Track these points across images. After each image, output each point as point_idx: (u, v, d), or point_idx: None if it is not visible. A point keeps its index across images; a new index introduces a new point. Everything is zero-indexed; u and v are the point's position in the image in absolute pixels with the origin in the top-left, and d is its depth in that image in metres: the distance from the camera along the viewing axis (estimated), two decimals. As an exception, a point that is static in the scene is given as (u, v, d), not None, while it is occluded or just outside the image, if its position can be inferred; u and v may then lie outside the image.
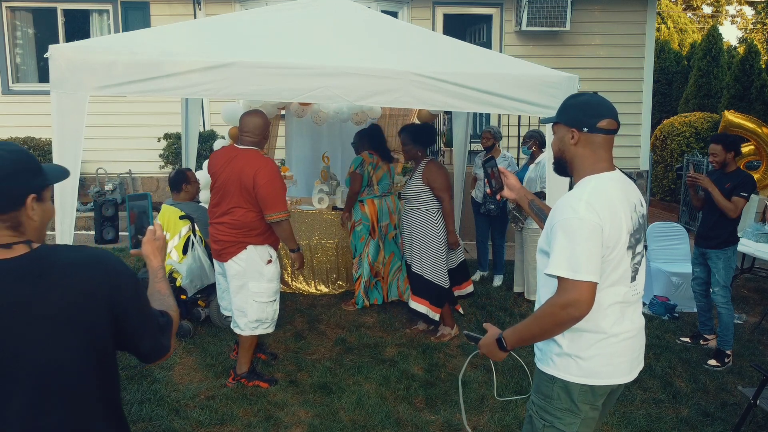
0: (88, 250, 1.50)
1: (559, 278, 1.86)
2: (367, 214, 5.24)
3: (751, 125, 8.61)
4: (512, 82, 3.73)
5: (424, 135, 4.70)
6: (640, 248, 2.04)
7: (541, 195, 5.17)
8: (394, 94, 3.59)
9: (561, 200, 1.97)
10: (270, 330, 3.88)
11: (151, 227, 1.84)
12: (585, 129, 1.98)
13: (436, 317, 4.68)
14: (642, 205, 2.08)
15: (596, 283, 1.85)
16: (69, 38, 9.27)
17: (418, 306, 4.67)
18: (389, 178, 5.32)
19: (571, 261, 1.84)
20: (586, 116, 1.98)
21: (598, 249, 1.86)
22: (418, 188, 4.59)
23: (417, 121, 6.66)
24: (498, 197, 2.40)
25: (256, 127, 3.69)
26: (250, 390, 3.82)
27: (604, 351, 1.97)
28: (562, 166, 2.09)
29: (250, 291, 3.73)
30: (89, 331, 1.44)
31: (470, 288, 4.98)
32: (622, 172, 2.12)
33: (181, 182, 4.81)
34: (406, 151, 4.69)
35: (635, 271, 2.02)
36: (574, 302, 1.84)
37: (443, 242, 4.62)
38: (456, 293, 4.88)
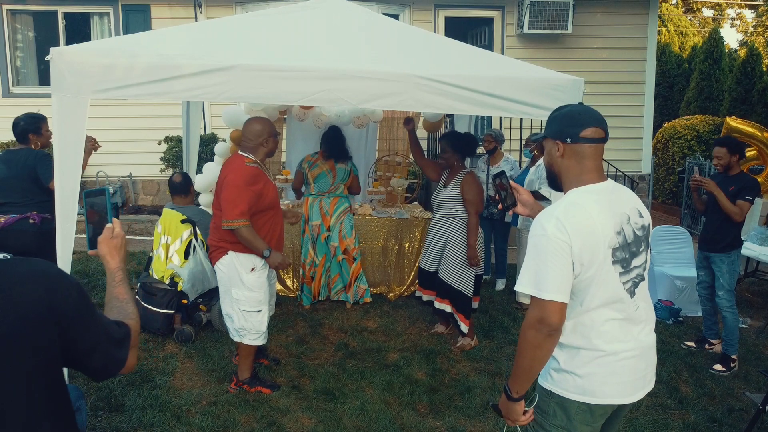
0: (27, 264, 1.37)
1: (531, 296, 1.86)
2: (302, 211, 5.40)
3: (750, 130, 8.59)
4: (517, 85, 3.70)
5: (465, 144, 4.65)
6: (638, 261, 1.95)
7: (539, 195, 5.19)
8: (398, 97, 3.56)
9: (539, 214, 1.95)
10: (259, 342, 3.80)
11: (109, 225, 1.71)
12: (568, 140, 1.94)
13: (465, 328, 4.61)
14: (641, 216, 2.00)
15: (562, 303, 1.82)
16: (69, 41, 9.24)
17: (445, 306, 4.63)
18: (330, 177, 5.29)
19: (536, 279, 1.83)
20: (568, 127, 1.95)
21: (566, 268, 1.82)
22: (456, 199, 4.55)
23: (419, 125, 6.63)
24: (509, 213, 2.35)
25: (251, 133, 3.69)
26: (253, 396, 3.78)
27: (601, 369, 1.92)
28: (553, 180, 2.06)
29: (233, 298, 3.70)
30: (36, 352, 1.32)
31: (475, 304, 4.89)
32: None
33: (188, 186, 4.81)
34: (445, 158, 4.63)
35: (635, 285, 1.95)
36: (540, 320, 1.82)
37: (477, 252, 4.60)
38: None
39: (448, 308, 4.62)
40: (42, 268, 1.38)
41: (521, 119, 8.03)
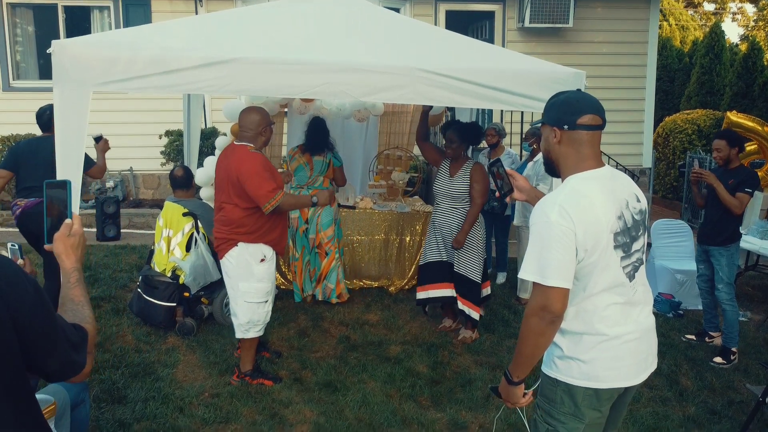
0: None
1: (533, 282, 1.87)
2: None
3: (751, 124, 8.59)
4: (519, 78, 3.70)
5: (472, 133, 4.63)
6: (637, 245, 1.98)
7: None
8: (400, 91, 3.55)
9: (540, 201, 1.96)
10: (261, 333, 3.84)
11: (68, 221, 1.61)
12: (565, 127, 1.96)
13: (477, 316, 4.61)
14: (639, 201, 2.03)
15: (566, 289, 1.83)
16: (69, 35, 9.22)
17: (466, 308, 4.62)
18: (307, 170, 5.25)
19: (540, 266, 1.84)
20: (565, 114, 1.96)
21: (570, 254, 1.84)
22: (466, 189, 4.55)
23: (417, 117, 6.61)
24: (507, 199, 2.36)
25: (251, 122, 3.69)
26: (255, 388, 3.80)
27: (605, 354, 1.94)
28: (550, 167, 2.08)
29: (240, 291, 3.70)
30: None
31: (486, 290, 4.88)
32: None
33: (190, 179, 4.84)
34: (454, 149, 4.56)
35: (635, 269, 1.98)
36: (543, 307, 1.84)
37: (483, 240, 4.63)
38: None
39: (466, 309, 4.61)
40: None
41: (522, 113, 8.04)
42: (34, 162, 4.37)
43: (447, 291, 4.71)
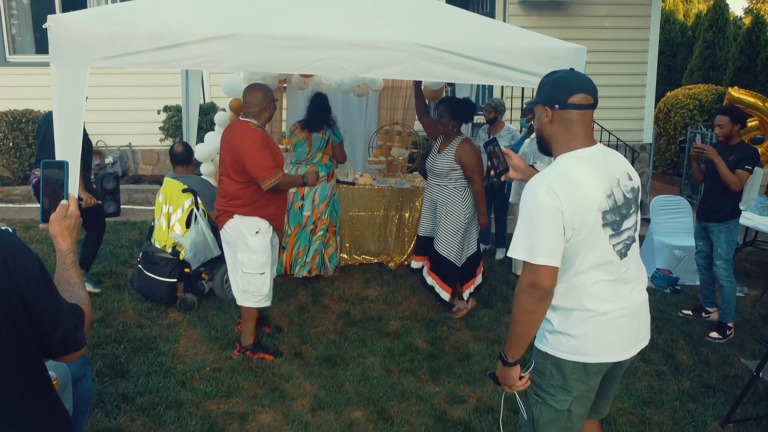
0: None
1: (523, 261, 1.89)
2: None
3: (752, 100, 8.55)
4: (519, 54, 3.67)
5: (463, 110, 4.62)
6: (628, 223, 2.00)
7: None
8: (400, 66, 3.53)
9: (530, 181, 1.98)
10: (263, 304, 3.89)
11: (64, 201, 1.62)
12: (556, 106, 1.97)
13: (446, 297, 4.63)
14: (631, 179, 2.04)
15: (554, 267, 1.86)
16: (66, 9, 9.09)
17: (436, 285, 4.66)
18: (306, 146, 5.19)
19: (529, 244, 1.87)
20: (556, 93, 1.98)
21: (558, 233, 1.86)
22: (449, 166, 4.52)
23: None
24: (503, 179, 2.37)
25: (255, 99, 3.75)
26: (256, 363, 3.84)
27: (594, 329, 1.97)
28: (543, 146, 2.09)
29: (237, 261, 3.81)
30: (3, 324, 1.29)
31: (479, 279, 4.85)
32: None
33: (190, 156, 4.85)
34: (442, 124, 4.58)
35: (626, 247, 1.99)
36: (532, 284, 1.87)
37: (466, 220, 4.56)
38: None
39: (436, 286, 4.64)
40: (1, 238, 1.34)
41: (522, 88, 7.98)
42: (50, 135, 4.40)
43: (419, 263, 4.84)
